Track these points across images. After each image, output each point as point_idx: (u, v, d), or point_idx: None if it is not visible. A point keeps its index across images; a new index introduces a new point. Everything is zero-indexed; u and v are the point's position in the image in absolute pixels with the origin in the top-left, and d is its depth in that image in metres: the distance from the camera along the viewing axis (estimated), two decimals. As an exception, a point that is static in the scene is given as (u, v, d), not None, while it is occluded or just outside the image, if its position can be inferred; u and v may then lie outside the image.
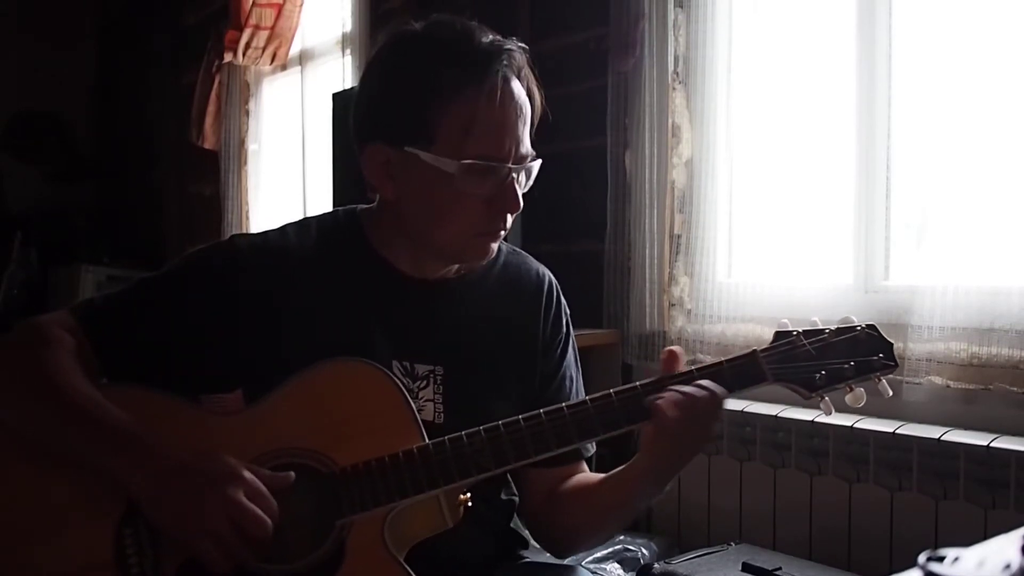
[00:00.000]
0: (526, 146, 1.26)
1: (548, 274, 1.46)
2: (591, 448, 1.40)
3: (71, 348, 1.26)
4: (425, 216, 1.27)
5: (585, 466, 1.41)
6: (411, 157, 1.24)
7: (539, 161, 1.28)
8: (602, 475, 1.35)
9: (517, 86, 1.25)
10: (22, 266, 5.16)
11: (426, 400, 1.30)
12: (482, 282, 1.39)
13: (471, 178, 1.22)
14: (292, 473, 1.17)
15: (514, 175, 1.25)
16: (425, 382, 1.31)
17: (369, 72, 1.33)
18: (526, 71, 1.27)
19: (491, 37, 1.25)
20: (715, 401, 1.19)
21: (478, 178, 1.22)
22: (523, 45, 1.28)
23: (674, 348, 1.25)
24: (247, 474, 1.14)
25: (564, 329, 1.44)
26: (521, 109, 1.24)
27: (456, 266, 1.36)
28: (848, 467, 2.03)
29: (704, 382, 1.19)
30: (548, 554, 1.44)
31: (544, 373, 1.40)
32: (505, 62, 1.23)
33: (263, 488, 1.14)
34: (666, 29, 2.54)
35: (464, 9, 1.28)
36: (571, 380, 1.43)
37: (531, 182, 1.29)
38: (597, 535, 1.44)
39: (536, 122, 1.30)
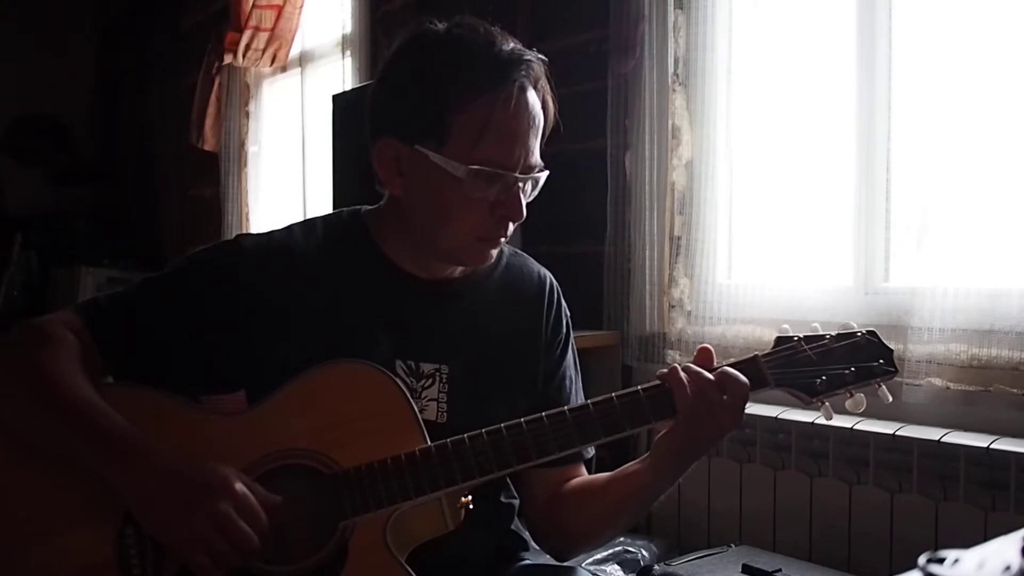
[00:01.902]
0: (535, 156, 1.26)
1: (549, 276, 1.46)
2: (591, 451, 1.40)
3: (73, 348, 1.26)
4: (429, 215, 1.28)
5: (584, 469, 1.41)
6: (420, 155, 1.24)
7: (546, 172, 1.28)
8: (609, 474, 1.35)
9: (533, 96, 1.25)
10: (22, 268, 5.16)
11: (429, 400, 1.31)
12: (485, 283, 1.39)
13: (477, 183, 1.23)
14: (280, 497, 1.17)
15: (520, 184, 1.25)
16: (430, 380, 1.31)
17: (388, 66, 1.32)
18: (543, 82, 1.27)
19: (512, 45, 1.26)
20: (738, 389, 1.19)
21: (484, 184, 1.23)
22: (542, 57, 1.28)
23: (707, 346, 1.25)
24: (239, 487, 1.13)
25: (564, 330, 1.44)
26: (534, 120, 1.25)
27: (459, 266, 1.36)
28: (848, 469, 2.03)
29: (728, 369, 1.20)
30: (549, 556, 1.45)
31: (545, 374, 1.41)
32: (523, 71, 1.24)
33: (254, 503, 1.14)
34: (666, 31, 2.54)
35: (465, 10, 1.28)
36: (571, 380, 1.44)
37: (537, 192, 1.30)
38: (604, 535, 1.43)
39: (548, 132, 1.30)
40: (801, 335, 1.25)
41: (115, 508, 1.18)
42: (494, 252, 1.32)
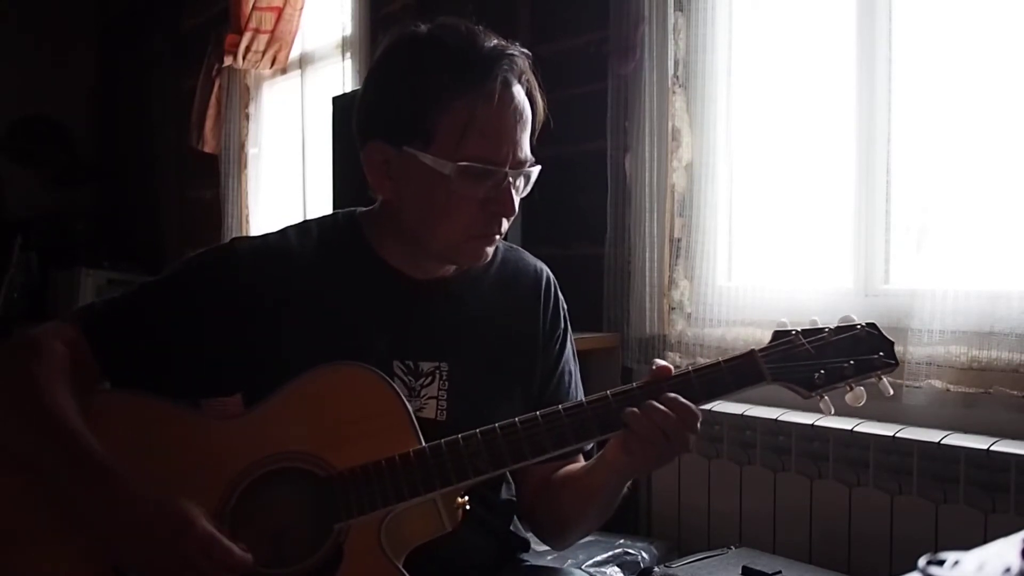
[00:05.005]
0: (525, 151, 1.26)
1: (545, 270, 1.46)
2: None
3: (64, 362, 1.24)
4: (421, 216, 1.27)
5: (582, 458, 1.41)
6: (409, 157, 1.24)
7: (538, 167, 1.28)
8: (580, 465, 1.36)
9: (518, 91, 1.25)
10: (22, 270, 5.15)
11: (428, 398, 1.31)
12: (481, 280, 1.39)
13: (466, 180, 1.22)
14: (250, 556, 1.13)
15: (511, 179, 1.25)
16: (430, 379, 1.31)
17: (373, 71, 1.33)
18: (528, 76, 1.27)
19: (494, 42, 1.25)
20: (687, 422, 1.17)
21: (473, 181, 1.23)
22: (526, 51, 1.28)
23: (666, 364, 1.23)
24: (204, 528, 1.11)
25: (562, 324, 1.44)
26: (520, 114, 1.24)
27: (454, 266, 1.36)
28: (848, 471, 2.03)
29: (679, 400, 1.18)
30: (549, 556, 1.44)
31: (544, 369, 1.40)
32: (506, 66, 1.23)
33: (226, 545, 1.11)
34: (666, 33, 2.54)
35: (465, 12, 1.28)
36: (570, 375, 1.44)
37: (530, 187, 1.30)
38: (585, 522, 1.41)
39: (538, 127, 1.30)
40: (799, 329, 1.24)
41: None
42: (490, 249, 1.31)
